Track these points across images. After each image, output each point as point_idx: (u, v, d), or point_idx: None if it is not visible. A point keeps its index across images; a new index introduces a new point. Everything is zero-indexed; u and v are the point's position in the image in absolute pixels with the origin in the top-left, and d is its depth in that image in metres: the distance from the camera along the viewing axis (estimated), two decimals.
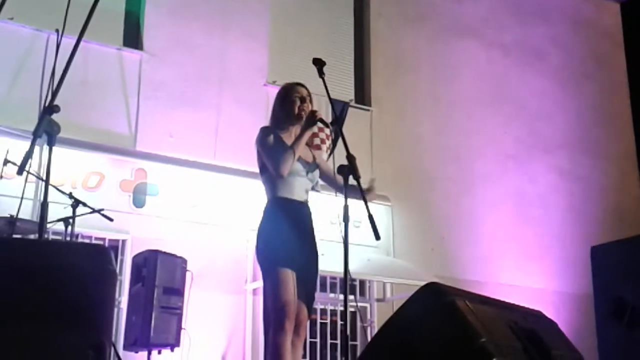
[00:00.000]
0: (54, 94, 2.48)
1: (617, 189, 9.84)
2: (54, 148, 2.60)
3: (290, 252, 3.53)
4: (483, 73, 9.41)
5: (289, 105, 3.82)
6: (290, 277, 3.49)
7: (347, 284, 3.28)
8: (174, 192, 7.02)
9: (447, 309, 2.19)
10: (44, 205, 2.36)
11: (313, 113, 3.70)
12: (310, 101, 3.90)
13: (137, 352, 5.53)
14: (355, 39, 8.84)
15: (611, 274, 4.27)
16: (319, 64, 3.52)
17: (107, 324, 1.65)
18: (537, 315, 2.70)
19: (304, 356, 7.27)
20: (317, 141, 7.76)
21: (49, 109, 2.41)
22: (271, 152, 3.65)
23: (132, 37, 7.44)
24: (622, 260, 4.24)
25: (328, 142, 7.79)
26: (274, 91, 7.89)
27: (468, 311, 2.20)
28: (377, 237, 3.17)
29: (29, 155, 2.34)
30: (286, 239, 3.55)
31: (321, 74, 3.49)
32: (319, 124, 3.70)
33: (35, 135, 2.37)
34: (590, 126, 9.99)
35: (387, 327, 2.41)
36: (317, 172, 3.89)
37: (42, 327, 1.55)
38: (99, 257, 1.67)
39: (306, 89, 3.93)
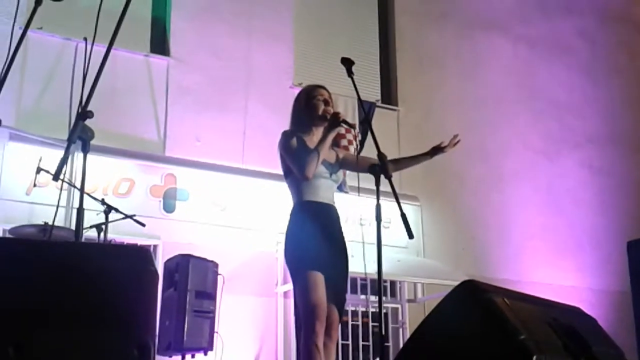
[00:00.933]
0: (87, 100, 2.50)
1: None
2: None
3: (319, 254, 3.53)
4: (510, 68, 9.33)
5: (312, 106, 3.82)
6: (319, 280, 3.48)
7: (381, 284, 3.25)
8: (203, 196, 7.05)
9: (485, 307, 2.16)
10: (80, 211, 2.38)
11: (336, 115, 3.68)
12: (332, 103, 3.90)
13: (171, 356, 5.56)
14: (380, 37, 8.82)
15: None
16: (347, 63, 3.49)
17: (151, 323, 1.66)
18: (576, 312, 2.66)
19: (336, 359, 7.26)
20: (344, 142, 7.74)
21: (83, 115, 2.43)
22: (295, 155, 3.65)
23: (159, 44, 7.50)
24: None
25: (355, 143, 7.77)
26: None
27: (506, 308, 2.17)
28: (411, 235, 3.14)
29: (64, 161, 2.36)
30: (314, 241, 3.55)
31: (350, 73, 3.47)
32: (344, 126, 3.69)
33: (70, 141, 2.39)
34: (620, 120, 9.85)
35: (424, 326, 2.39)
36: (340, 173, 3.89)
37: (86, 328, 1.57)
38: (140, 258, 1.69)
39: (327, 91, 3.93)
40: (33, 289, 1.58)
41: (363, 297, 7.54)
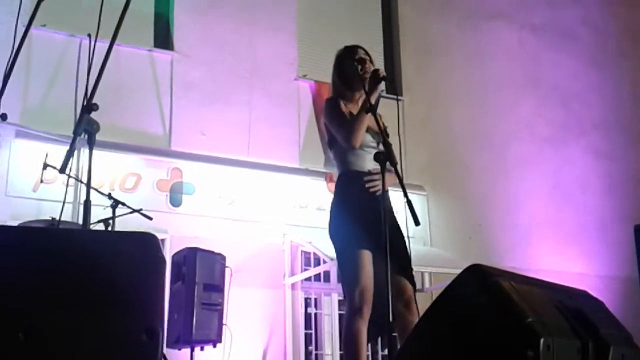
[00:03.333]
0: (92, 93, 2.51)
1: None
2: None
3: (366, 230, 3.30)
4: (514, 56, 9.30)
5: (348, 70, 3.60)
6: (367, 259, 3.30)
7: (387, 273, 3.17)
8: (209, 190, 7.08)
9: (492, 290, 2.16)
10: (87, 204, 2.40)
11: (375, 71, 3.48)
12: (371, 61, 3.68)
13: (180, 349, 5.58)
14: (383, 26, 8.81)
15: None
16: None
17: (159, 308, 1.68)
18: (583, 295, 2.66)
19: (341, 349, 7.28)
20: None
21: (88, 107, 2.44)
22: (339, 123, 3.46)
23: (163, 38, 7.51)
24: None
25: None
26: (304, 85, 7.99)
27: (513, 291, 2.17)
28: (417, 222, 3.09)
29: (70, 154, 2.37)
30: (360, 215, 3.30)
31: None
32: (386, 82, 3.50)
33: (76, 134, 2.40)
34: (625, 105, 9.82)
35: (431, 312, 2.39)
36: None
37: (95, 313, 1.59)
38: (148, 245, 1.70)
39: (363, 49, 3.72)
40: (41, 274, 1.59)
41: None
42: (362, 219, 3.31)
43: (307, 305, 7.31)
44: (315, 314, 7.34)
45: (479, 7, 9.22)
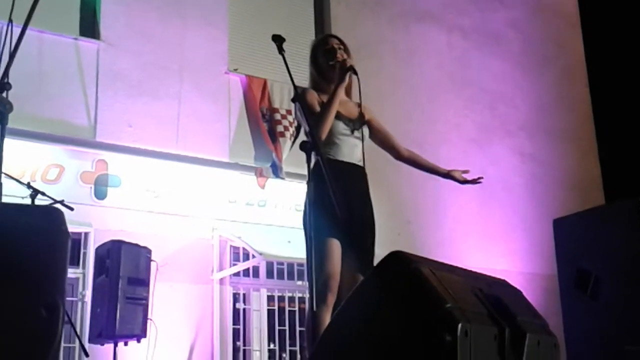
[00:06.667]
0: (5, 72, 2.40)
1: (577, 170, 9.99)
2: (10, 140, 2.53)
3: (337, 219, 3.22)
4: (444, 57, 9.46)
5: (320, 62, 3.64)
6: (336, 248, 3.30)
7: (311, 269, 3.14)
8: (136, 182, 6.93)
9: (412, 276, 2.18)
10: None
11: (343, 62, 3.51)
12: (345, 50, 3.67)
13: (102, 344, 5.46)
14: (315, 24, 8.81)
15: (574, 246, 4.33)
16: (278, 40, 3.40)
17: (60, 283, 1.61)
18: (502, 284, 2.72)
19: (273, 344, 7.26)
20: (280, 128, 7.73)
21: (0, 86, 2.33)
22: (307, 115, 3.42)
23: (89, 27, 7.30)
24: (583, 231, 4.31)
25: (292, 129, 7.75)
26: (235, 79, 7.91)
27: (433, 278, 2.19)
28: (342, 212, 3.11)
29: None
30: (331, 204, 3.16)
31: (281, 50, 3.40)
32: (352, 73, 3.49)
33: None
34: (550, 108, 10.12)
35: (352, 297, 2.40)
36: (365, 130, 3.73)
37: None
38: (51, 217, 1.63)
39: (337, 38, 3.73)
40: None
41: (300, 282, 7.55)
42: (334, 208, 3.18)
43: (235, 300, 7.25)
44: (244, 310, 7.29)
45: (409, 9, 9.33)
